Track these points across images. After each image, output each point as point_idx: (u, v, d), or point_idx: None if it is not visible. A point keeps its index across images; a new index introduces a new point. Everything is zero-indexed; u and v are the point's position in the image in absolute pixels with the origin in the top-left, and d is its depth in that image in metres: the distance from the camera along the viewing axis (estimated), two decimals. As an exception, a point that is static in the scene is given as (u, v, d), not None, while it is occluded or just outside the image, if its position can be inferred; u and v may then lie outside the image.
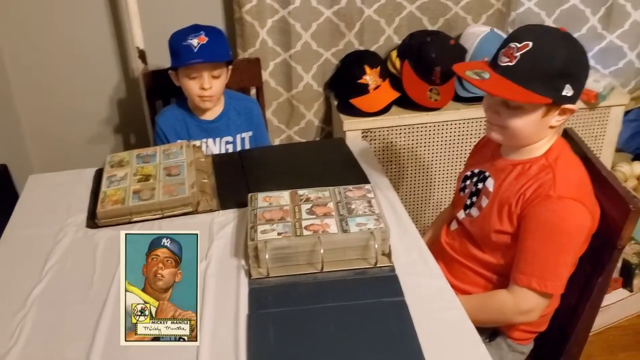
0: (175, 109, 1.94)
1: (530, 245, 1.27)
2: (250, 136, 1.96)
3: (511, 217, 1.31)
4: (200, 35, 1.79)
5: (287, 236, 1.28)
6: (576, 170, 1.31)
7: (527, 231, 1.28)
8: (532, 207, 1.26)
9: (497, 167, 1.38)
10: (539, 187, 1.27)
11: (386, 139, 2.17)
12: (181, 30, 1.83)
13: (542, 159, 1.31)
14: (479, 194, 1.40)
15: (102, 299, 1.23)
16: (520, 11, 2.33)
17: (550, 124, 1.28)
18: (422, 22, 2.26)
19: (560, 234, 1.25)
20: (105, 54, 2.19)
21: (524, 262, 1.28)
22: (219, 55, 1.83)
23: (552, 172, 1.27)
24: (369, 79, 2.14)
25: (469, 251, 1.42)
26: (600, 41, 2.40)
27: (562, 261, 1.26)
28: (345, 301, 1.20)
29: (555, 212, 1.24)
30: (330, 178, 1.58)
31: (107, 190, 1.52)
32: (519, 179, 1.31)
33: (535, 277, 1.26)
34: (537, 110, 1.25)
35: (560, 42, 1.23)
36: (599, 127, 2.31)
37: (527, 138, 1.31)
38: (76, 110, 2.27)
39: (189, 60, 1.77)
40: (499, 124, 1.30)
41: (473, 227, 1.40)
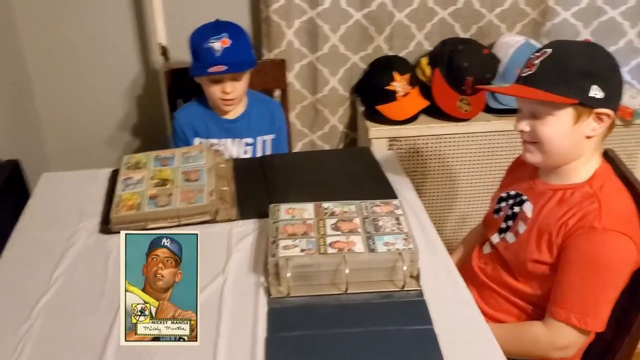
0: (195, 106, 1.88)
1: (571, 279, 1.19)
2: (272, 139, 1.89)
3: (551, 247, 1.23)
4: (222, 38, 1.72)
5: (311, 253, 1.21)
6: (623, 201, 1.23)
7: (568, 263, 1.19)
8: (575, 238, 1.18)
9: (536, 190, 1.30)
10: (583, 217, 1.18)
11: (413, 148, 2.10)
12: (202, 29, 1.77)
13: (586, 186, 1.23)
14: (515, 218, 1.32)
15: (113, 311, 1.16)
16: (557, 21, 2.24)
17: (587, 134, 1.19)
18: (454, 29, 2.18)
19: (604, 269, 1.17)
20: (127, 49, 2.14)
21: (563, 295, 1.20)
22: (243, 62, 1.76)
23: (597, 202, 1.19)
24: (398, 85, 2.06)
25: (502, 278, 1.34)
26: (637, 56, 2.30)
27: (604, 297, 1.18)
28: (370, 327, 1.12)
29: (600, 245, 1.16)
30: (356, 190, 1.52)
31: (122, 194, 1.46)
32: (561, 207, 1.23)
33: (575, 312, 1.18)
34: (567, 115, 1.18)
35: (580, 45, 1.24)
36: (634, 145, 2.21)
37: (563, 152, 1.23)
38: (95, 107, 2.22)
39: (211, 65, 1.70)
40: (531, 139, 1.24)
41: (508, 253, 1.32)
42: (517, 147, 2.10)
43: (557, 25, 2.25)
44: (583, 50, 1.20)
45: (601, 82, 1.16)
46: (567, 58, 1.18)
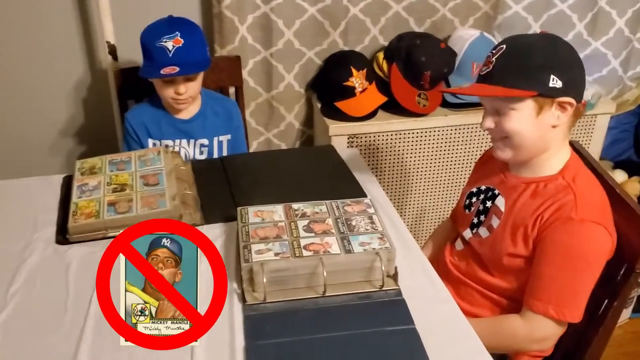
0: (147, 106, 1.80)
1: (548, 271, 1.19)
2: (229, 140, 1.83)
3: (527, 240, 1.23)
4: (175, 37, 1.64)
5: (286, 257, 1.17)
6: (597, 191, 1.24)
7: (545, 255, 1.20)
8: (551, 229, 1.18)
9: (508, 184, 1.30)
10: (559, 208, 1.19)
11: (372, 144, 2.08)
12: (154, 27, 1.69)
13: (559, 177, 1.23)
14: (487, 213, 1.32)
15: (78, 327, 1.10)
16: (508, 15, 2.26)
17: (552, 123, 1.20)
18: (408, 23, 2.17)
19: (580, 260, 1.17)
20: (72, 48, 2.02)
21: (540, 287, 1.20)
22: (197, 62, 1.69)
23: (572, 193, 1.19)
24: (356, 81, 2.03)
25: (476, 274, 1.34)
26: (585, 48, 2.35)
27: (581, 288, 1.19)
28: (351, 330, 1.10)
29: (577, 236, 1.17)
30: (323, 189, 1.49)
31: (79, 202, 1.38)
32: (535, 199, 1.23)
33: (553, 304, 1.18)
34: (528, 107, 1.18)
35: (535, 37, 1.25)
36: (585, 136, 2.27)
37: (532, 144, 1.23)
38: (39, 111, 2.09)
39: (163, 66, 1.62)
40: (499, 135, 1.24)
41: (482, 248, 1.32)
42: (475, 141, 2.13)
43: (508, 19, 2.27)
44: (538, 42, 1.21)
45: (559, 71, 1.16)
46: (522, 51, 1.18)
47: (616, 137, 2.60)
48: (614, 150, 2.62)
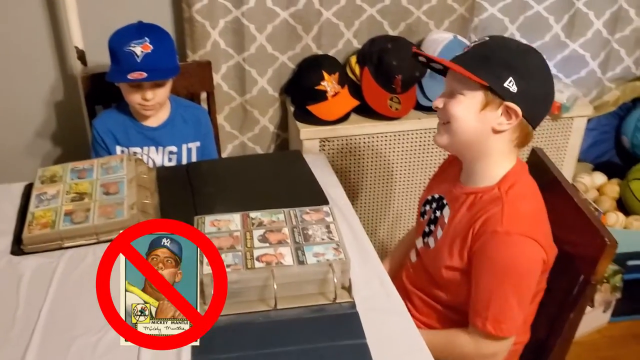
0: (114, 113, 1.78)
1: (482, 286, 1.18)
2: (198, 147, 1.82)
3: (462, 253, 1.21)
4: (144, 43, 1.62)
5: (237, 269, 1.16)
6: (529, 202, 1.21)
7: (478, 270, 1.19)
8: (481, 243, 1.17)
9: (454, 194, 1.28)
10: (487, 220, 1.17)
11: (345, 148, 2.06)
12: (123, 31, 1.67)
13: (495, 188, 1.21)
14: (436, 223, 1.31)
15: (24, 342, 1.08)
16: (484, 17, 2.25)
17: (492, 125, 1.18)
18: (382, 27, 2.15)
19: (511, 274, 1.16)
20: (40, 53, 2.00)
21: (478, 303, 1.19)
22: (165, 69, 1.67)
23: (500, 204, 1.17)
24: (327, 85, 2.02)
25: (423, 285, 1.34)
26: (563, 49, 2.34)
27: (517, 301, 1.17)
28: (302, 344, 1.09)
29: (504, 249, 1.15)
30: (286, 196, 1.48)
31: (36, 212, 1.37)
32: (471, 210, 1.22)
33: (490, 320, 1.17)
34: (476, 97, 1.17)
35: (516, 42, 1.23)
36: (561, 139, 2.25)
37: (467, 137, 1.20)
38: (6, 116, 2.07)
39: (131, 71, 1.60)
40: (443, 118, 1.23)
41: (427, 259, 1.32)
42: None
43: (484, 21, 2.25)
44: (515, 46, 1.20)
45: (519, 77, 1.15)
46: (497, 47, 1.19)
47: (596, 139, 2.59)
48: (594, 152, 2.61)
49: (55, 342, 1.08)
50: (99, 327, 1.11)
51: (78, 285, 1.22)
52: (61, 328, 1.11)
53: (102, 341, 1.09)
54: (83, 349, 1.07)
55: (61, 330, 1.11)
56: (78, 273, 1.26)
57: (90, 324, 1.12)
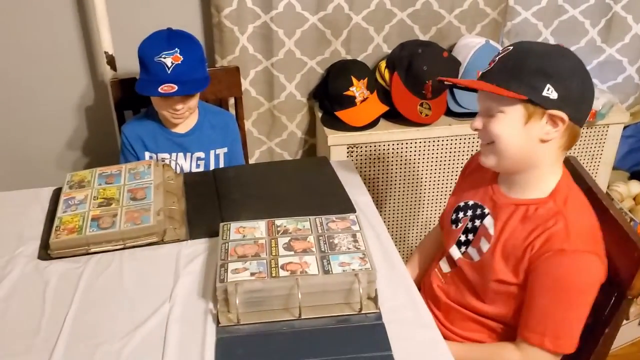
0: (143, 119, 1.79)
1: (542, 302, 1.14)
2: (225, 153, 1.81)
3: (517, 269, 1.17)
4: (174, 54, 1.61)
5: (261, 277, 1.14)
6: (588, 216, 1.17)
7: (539, 287, 1.14)
8: (543, 261, 1.12)
9: (497, 204, 1.24)
10: (550, 238, 1.12)
11: (373, 154, 2.04)
12: (153, 40, 1.66)
13: (550, 201, 1.16)
14: (476, 233, 1.27)
15: (49, 349, 1.08)
16: (517, 21, 2.20)
17: (540, 137, 1.13)
18: (413, 31, 2.13)
19: (574, 291, 1.12)
20: (71, 59, 2.02)
21: (534, 319, 1.15)
22: (195, 81, 1.66)
23: (563, 221, 1.12)
24: (356, 90, 2.00)
25: (466, 300, 1.28)
26: (599, 55, 2.28)
27: (576, 318, 1.13)
28: (327, 355, 1.06)
29: (571, 267, 1.11)
30: (312, 203, 1.46)
31: (63, 216, 1.37)
32: (525, 225, 1.17)
33: (548, 336, 1.13)
34: (517, 112, 1.12)
35: (543, 45, 1.17)
36: (596, 146, 2.19)
37: (515, 154, 1.16)
38: (37, 121, 2.10)
39: (161, 83, 1.60)
40: (485, 139, 1.19)
41: (472, 272, 1.26)
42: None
43: (517, 25, 2.21)
44: (543, 49, 1.15)
45: (556, 82, 1.10)
46: (524, 55, 1.13)
47: (633, 147, 2.51)
48: (630, 160, 2.53)
49: (80, 349, 1.08)
50: (123, 334, 1.11)
51: (104, 291, 1.22)
52: (86, 335, 1.11)
53: (125, 348, 1.08)
54: (107, 356, 1.06)
55: (85, 337, 1.10)
56: (104, 279, 1.26)
57: (114, 331, 1.12)
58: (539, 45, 1.17)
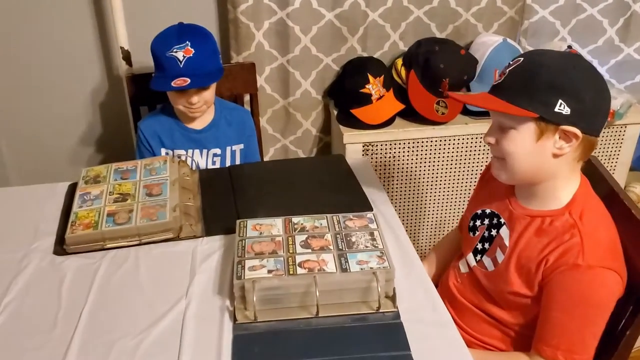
0: (159, 115, 1.78)
1: (556, 317, 1.12)
2: (241, 149, 1.81)
3: (530, 282, 1.15)
4: (185, 47, 1.61)
5: (279, 275, 1.13)
6: (605, 229, 1.14)
7: (553, 301, 1.12)
8: (557, 275, 1.10)
9: (513, 215, 1.21)
10: (565, 252, 1.10)
11: (389, 153, 2.02)
12: (164, 35, 1.66)
13: (566, 213, 1.13)
14: (492, 242, 1.25)
15: (65, 344, 1.07)
16: (534, 20, 2.18)
17: (553, 152, 1.10)
18: (430, 29, 2.11)
19: (590, 306, 1.10)
20: (87, 54, 2.02)
21: (548, 333, 1.13)
22: (208, 73, 1.66)
23: (578, 235, 1.10)
24: (372, 88, 1.98)
25: (482, 303, 1.27)
26: (617, 54, 2.26)
27: (591, 333, 1.11)
28: (344, 354, 1.05)
29: (585, 283, 1.09)
30: (329, 201, 1.45)
31: (79, 212, 1.37)
32: (540, 238, 1.15)
33: (562, 350, 1.11)
34: (528, 130, 1.09)
35: (555, 56, 1.10)
36: (613, 146, 2.16)
37: (526, 171, 1.14)
38: (52, 116, 2.10)
39: (174, 77, 1.60)
40: (498, 154, 1.16)
41: (487, 281, 1.25)
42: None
43: (535, 24, 2.19)
44: (555, 61, 1.08)
45: (569, 97, 1.05)
46: (536, 69, 1.07)
47: (651, 147, 2.48)
48: (648, 160, 2.50)
49: (95, 345, 1.07)
50: (139, 331, 1.10)
51: (119, 287, 1.22)
52: (101, 330, 1.10)
53: (142, 345, 1.07)
54: (123, 352, 1.06)
55: (101, 333, 1.10)
56: (120, 274, 1.25)
57: (130, 327, 1.11)
58: (551, 57, 1.10)
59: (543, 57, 1.10)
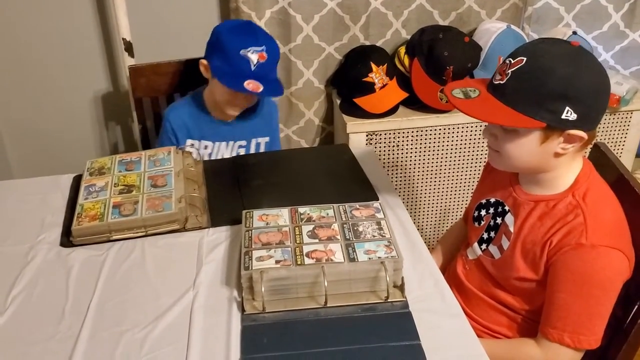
0: (190, 105, 1.73)
1: (561, 298, 1.11)
2: (267, 142, 1.78)
3: (536, 265, 1.15)
4: (262, 51, 1.57)
5: (287, 265, 1.13)
6: (610, 209, 1.13)
7: (557, 282, 1.12)
8: (562, 255, 1.10)
9: (517, 201, 1.21)
10: (568, 233, 1.10)
11: (392, 142, 2.02)
12: (240, 30, 1.61)
13: (569, 195, 1.13)
14: (498, 230, 1.24)
15: (73, 336, 1.07)
16: (538, 6, 2.17)
17: (555, 151, 1.09)
18: (432, 16, 2.10)
19: (594, 286, 1.09)
20: (89, 45, 2.01)
21: (554, 315, 1.13)
22: (275, 82, 1.63)
23: (582, 215, 1.09)
24: (375, 77, 1.97)
25: (489, 289, 1.27)
26: (622, 40, 2.24)
27: (597, 314, 1.11)
28: (352, 344, 1.05)
29: (589, 262, 1.08)
30: (335, 191, 1.45)
31: (85, 203, 1.36)
32: (544, 221, 1.14)
33: (568, 332, 1.11)
34: (533, 134, 1.07)
35: (560, 59, 1.04)
36: (619, 133, 2.16)
37: (526, 167, 1.14)
38: (54, 108, 2.09)
39: (246, 78, 1.55)
40: (496, 148, 1.15)
41: (494, 269, 1.25)
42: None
43: (539, 10, 2.18)
44: (563, 67, 1.03)
45: (576, 104, 1.03)
46: (542, 75, 1.03)
47: (656, 134, 2.47)
48: (653, 147, 2.49)
49: (104, 336, 1.07)
50: (147, 322, 1.10)
51: (127, 279, 1.21)
52: (109, 322, 1.10)
53: (150, 336, 1.07)
54: (131, 343, 1.06)
55: (110, 324, 1.10)
56: (126, 266, 1.25)
57: (138, 318, 1.11)
58: (557, 60, 1.04)
59: (548, 59, 1.04)
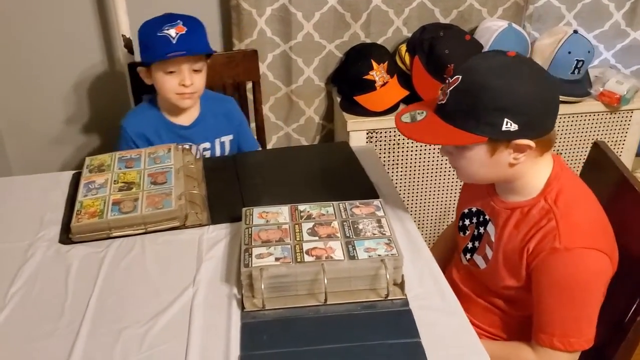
0: (144, 112, 1.70)
1: (546, 302, 1.12)
2: (231, 140, 1.77)
3: (518, 273, 1.15)
4: (177, 25, 1.56)
5: (286, 262, 1.12)
6: (582, 209, 1.13)
7: (540, 288, 1.12)
8: (539, 261, 1.10)
9: (495, 210, 1.20)
10: (543, 238, 1.09)
11: (393, 140, 2.01)
12: (152, 21, 1.61)
13: (541, 200, 1.12)
14: (481, 240, 1.24)
15: (73, 333, 1.07)
16: (539, 4, 2.16)
17: (509, 162, 1.09)
18: (433, 14, 2.09)
19: (575, 289, 1.09)
20: (89, 42, 2.01)
21: (542, 320, 1.13)
22: (202, 46, 1.61)
23: (554, 219, 1.09)
24: (376, 74, 1.97)
25: (483, 294, 1.27)
26: (623, 39, 2.25)
27: (584, 316, 1.11)
28: (352, 341, 1.04)
29: (566, 266, 1.08)
30: (334, 189, 1.45)
31: (84, 200, 1.36)
32: (520, 228, 1.14)
33: (557, 336, 1.11)
34: (479, 149, 1.08)
35: (492, 72, 1.05)
36: (619, 132, 2.16)
37: (486, 179, 1.16)
38: (54, 105, 2.09)
39: (168, 52, 1.54)
40: (453, 165, 1.17)
41: (482, 278, 1.25)
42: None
43: (540, 9, 2.17)
44: (494, 80, 1.03)
45: (515, 114, 1.03)
46: (476, 91, 1.04)
47: (656, 133, 2.47)
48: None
49: (103, 334, 1.07)
50: (147, 319, 1.09)
51: (126, 276, 1.21)
52: (109, 319, 1.10)
53: (150, 333, 1.07)
54: (131, 340, 1.05)
55: (109, 321, 1.09)
56: (126, 263, 1.24)
57: (137, 315, 1.10)
58: (489, 75, 1.05)
59: (481, 74, 1.05)
